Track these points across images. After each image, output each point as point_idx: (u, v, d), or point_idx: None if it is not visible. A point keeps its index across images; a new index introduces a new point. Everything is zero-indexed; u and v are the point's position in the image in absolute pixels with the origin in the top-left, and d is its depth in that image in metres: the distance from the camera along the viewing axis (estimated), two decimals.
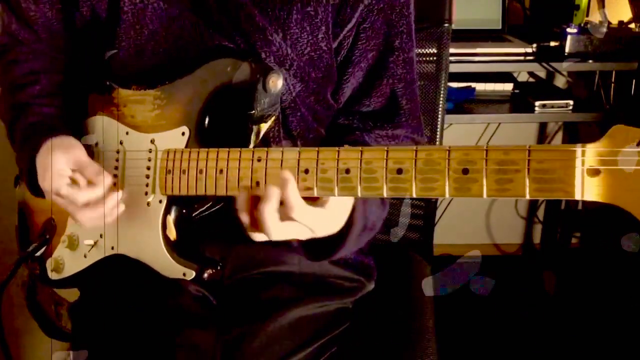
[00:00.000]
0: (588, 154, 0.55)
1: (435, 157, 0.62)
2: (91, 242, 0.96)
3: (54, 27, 1.01)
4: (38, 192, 0.95)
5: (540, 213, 2.59)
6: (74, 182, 0.89)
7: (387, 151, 0.65)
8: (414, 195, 0.65)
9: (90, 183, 0.89)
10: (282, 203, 0.73)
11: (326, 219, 0.79)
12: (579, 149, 0.56)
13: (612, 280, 2.22)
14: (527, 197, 0.58)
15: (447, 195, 0.62)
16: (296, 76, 0.92)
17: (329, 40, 0.92)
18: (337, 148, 0.70)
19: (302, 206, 0.73)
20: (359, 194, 0.69)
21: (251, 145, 0.86)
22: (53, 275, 1.00)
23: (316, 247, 0.87)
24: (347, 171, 0.69)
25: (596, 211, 2.32)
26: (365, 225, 0.88)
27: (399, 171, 0.65)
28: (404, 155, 0.64)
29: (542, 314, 2.22)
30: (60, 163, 0.89)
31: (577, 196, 0.56)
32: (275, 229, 0.75)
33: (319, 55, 0.92)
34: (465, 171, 0.60)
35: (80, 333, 1.05)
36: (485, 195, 0.60)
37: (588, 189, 0.56)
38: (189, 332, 0.94)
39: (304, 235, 0.79)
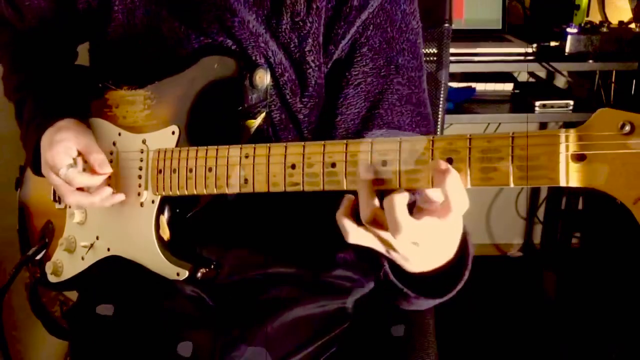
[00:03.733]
0: (572, 139, 0.54)
1: (419, 148, 0.62)
2: (87, 244, 0.95)
3: (47, 17, 1.01)
4: (40, 172, 0.95)
5: (540, 213, 2.58)
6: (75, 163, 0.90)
7: (372, 143, 0.65)
8: (398, 187, 0.64)
9: (91, 170, 0.89)
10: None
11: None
12: (562, 134, 0.55)
13: (612, 280, 2.21)
14: (511, 185, 0.57)
15: (431, 186, 0.62)
16: (285, 87, 0.91)
17: (317, 55, 0.90)
18: (322, 142, 0.70)
19: (464, 203, 0.61)
20: (345, 187, 0.68)
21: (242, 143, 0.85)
22: (52, 279, 1.00)
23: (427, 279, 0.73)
24: (333, 165, 0.68)
25: (596, 211, 2.32)
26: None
27: (384, 163, 0.65)
28: (389, 147, 0.64)
29: (542, 314, 2.21)
30: (69, 141, 0.89)
31: (562, 182, 0.55)
32: (409, 224, 0.62)
33: (304, 70, 0.90)
34: (450, 161, 0.60)
35: (78, 336, 1.05)
36: (469, 185, 0.59)
37: (573, 175, 0.55)
38: (186, 333, 0.94)
39: (443, 244, 0.68)
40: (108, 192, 0.89)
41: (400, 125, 0.91)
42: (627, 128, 0.53)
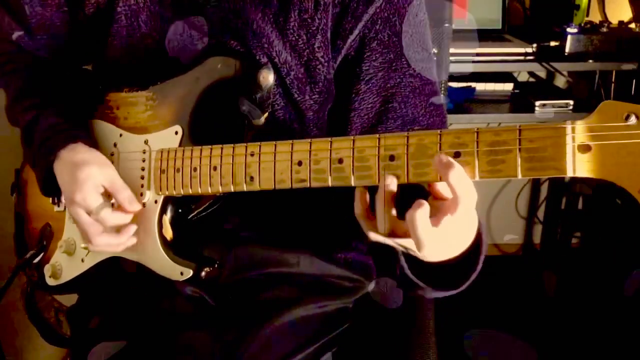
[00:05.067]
0: (578, 130, 0.55)
1: (427, 142, 0.62)
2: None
3: (56, 29, 1.01)
4: (50, 193, 0.94)
5: (540, 213, 2.58)
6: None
7: (379, 139, 0.65)
8: (407, 182, 0.64)
9: (120, 208, 0.88)
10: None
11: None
12: (569, 125, 0.56)
13: (612, 280, 2.21)
14: (519, 176, 0.58)
15: (439, 179, 0.62)
16: (292, 86, 0.91)
17: (326, 51, 0.90)
18: (329, 138, 0.70)
19: (471, 194, 0.61)
20: (352, 183, 0.68)
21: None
22: (51, 282, 1.00)
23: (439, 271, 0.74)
24: (340, 161, 0.69)
25: (596, 211, 2.32)
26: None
27: (392, 158, 0.65)
28: (396, 141, 0.64)
29: (542, 315, 2.21)
30: (95, 178, 0.87)
31: (569, 173, 0.56)
32: (432, 237, 0.63)
33: (314, 66, 0.91)
34: (457, 154, 0.60)
35: (79, 336, 1.05)
36: (477, 177, 0.59)
37: (579, 166, 0.56)
38: (186, 333, 0.94)
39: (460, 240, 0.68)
40: (133, 230, 0.88)
41: (415, 117, 0.91)
42: (632, 119, 0.54)
